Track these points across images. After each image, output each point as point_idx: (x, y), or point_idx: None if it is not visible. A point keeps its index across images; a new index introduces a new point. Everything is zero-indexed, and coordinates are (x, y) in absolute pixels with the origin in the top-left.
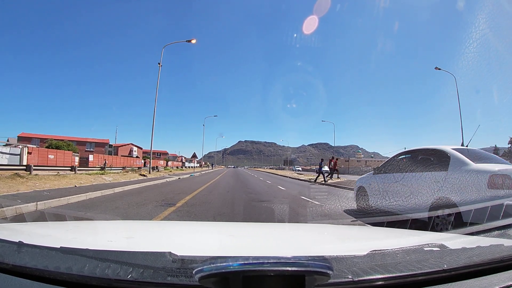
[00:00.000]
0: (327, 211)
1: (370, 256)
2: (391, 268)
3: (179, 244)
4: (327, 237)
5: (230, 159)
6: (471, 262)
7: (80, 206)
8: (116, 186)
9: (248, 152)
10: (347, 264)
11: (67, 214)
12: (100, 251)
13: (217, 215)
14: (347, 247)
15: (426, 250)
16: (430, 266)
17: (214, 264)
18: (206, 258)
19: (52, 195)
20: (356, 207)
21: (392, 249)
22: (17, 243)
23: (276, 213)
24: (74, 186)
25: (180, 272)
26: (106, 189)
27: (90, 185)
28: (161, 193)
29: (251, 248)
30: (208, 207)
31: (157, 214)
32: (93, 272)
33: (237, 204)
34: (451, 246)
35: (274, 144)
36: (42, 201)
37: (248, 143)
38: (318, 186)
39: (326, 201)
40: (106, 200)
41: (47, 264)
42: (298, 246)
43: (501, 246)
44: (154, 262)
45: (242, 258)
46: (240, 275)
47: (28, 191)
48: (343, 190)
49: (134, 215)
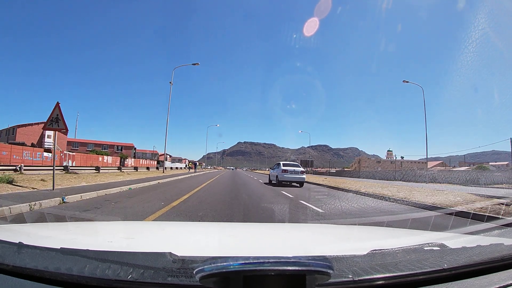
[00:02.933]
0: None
1: (370, 256)
2: (392, 268)
3: (180, 244)
4: (328, 237)
5: (229, 161)
6: (471, 261)
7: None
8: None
9: (247, 153)
10: (348, 263)
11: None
12: (100, 252)
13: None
14: (347, 247)
15: (426, 249)
16: (430, 265)
17: (214, 264)
18: (206, 258)
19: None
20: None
21: (392, 248)
22: (17, 244)
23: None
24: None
25: (180, 272)
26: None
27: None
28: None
29: (251, 248)
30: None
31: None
32: (94, 272)
33: None
34: (451, 245)
35: (273, 145)
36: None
37: (248, 144)
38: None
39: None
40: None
41: (48, 265)
42: (299, 245)
43: (501, 245)
44: (154, 262)
45: (242, 258)
46: (240, 275)
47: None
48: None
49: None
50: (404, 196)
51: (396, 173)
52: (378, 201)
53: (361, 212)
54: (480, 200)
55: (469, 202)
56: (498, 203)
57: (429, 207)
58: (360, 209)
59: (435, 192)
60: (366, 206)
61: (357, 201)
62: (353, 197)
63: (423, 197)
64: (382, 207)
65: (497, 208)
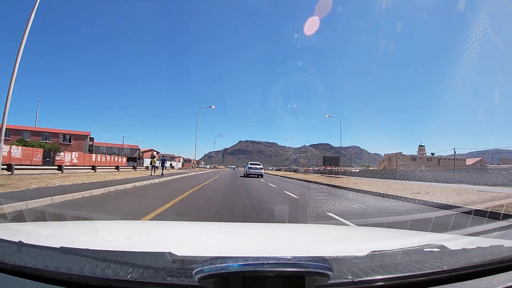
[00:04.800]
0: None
1: (370, 257)
2: (391, 269)
3: (179, 244)
4: (327, 238)
5: (230, 159)
6: (471, 263)
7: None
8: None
9: (248, 152)
10: (347, 264)
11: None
12: (100, 251)
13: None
14: (347, 248)
15: (426, 250)
16: (430, 266)
17: (214, 265)
18: (206, 258)
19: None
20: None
21: (392, 249)
22: (17, 243)
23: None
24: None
25: (180, 273)
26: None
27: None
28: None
29: (251, 248)
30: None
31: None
32: (93, 272)
33: None
34: (451, 246)
35: (275, 144)
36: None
37: (249, 143)
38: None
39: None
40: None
41: (47, 264)
42: (298, 246)
43: (501, 247)
44: (154, 262)
45: (242, 259)
46: (240, 275)
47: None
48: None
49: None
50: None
51: (455, 173)
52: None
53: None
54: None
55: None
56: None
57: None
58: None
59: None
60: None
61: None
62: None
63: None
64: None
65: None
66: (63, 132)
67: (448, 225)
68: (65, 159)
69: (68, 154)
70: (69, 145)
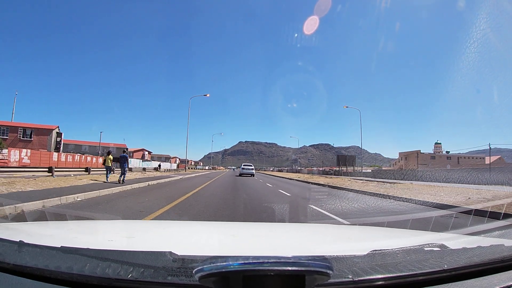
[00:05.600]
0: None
1: (370, 256)
2: (392, 268)
3: (180, 243)
4: (328, 237)
5: (230, 160)
6: (472, 262)
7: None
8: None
9: (248, 153)
10: (347, 264)
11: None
12: (100, 251)
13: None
14: (347, 247)
15: (427, 250)
16: (430, 266)
17: (214, 264)
18: (206, 257)
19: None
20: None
21: (392, 249)
22: (18, 242)
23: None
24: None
25: (180, 272)
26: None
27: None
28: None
29: (251, 247)
30: None
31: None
32: (94, 271)
33: None
34: (451, 246)
35: (275, 144)
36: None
37: (249, 143)
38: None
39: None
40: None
41: (48, 263)
42: (298, 245)
43: (501, 246)
44: (154, 261)
45: (242, 258)
46: (240, 274)
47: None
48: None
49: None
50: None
51: (497, 174)
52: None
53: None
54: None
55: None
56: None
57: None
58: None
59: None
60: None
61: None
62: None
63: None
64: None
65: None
66: (23, 125)
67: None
68: (10, 158)
69: (15, 151)
70: (30, 142)
